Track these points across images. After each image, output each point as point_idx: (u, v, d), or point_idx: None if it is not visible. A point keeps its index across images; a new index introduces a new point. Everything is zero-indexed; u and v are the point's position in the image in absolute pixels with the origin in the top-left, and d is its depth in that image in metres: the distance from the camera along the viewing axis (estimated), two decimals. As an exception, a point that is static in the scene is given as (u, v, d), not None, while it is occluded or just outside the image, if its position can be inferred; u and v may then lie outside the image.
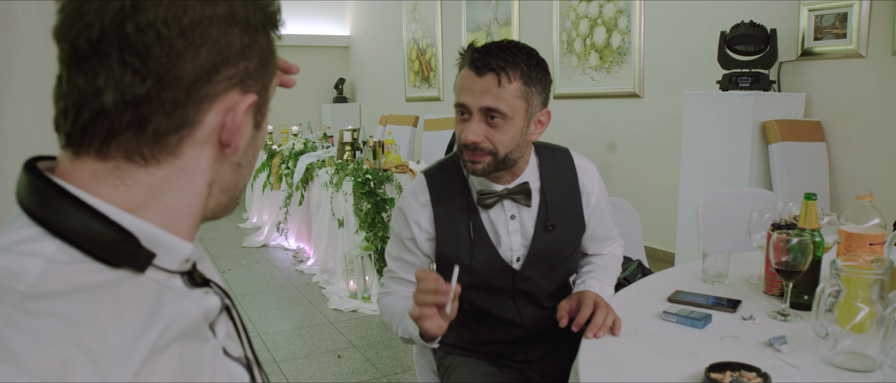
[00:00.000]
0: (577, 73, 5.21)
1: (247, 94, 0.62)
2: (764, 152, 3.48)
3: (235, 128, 0.62)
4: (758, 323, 1.33)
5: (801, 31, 3.61)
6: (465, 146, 1.35)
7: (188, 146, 0.61)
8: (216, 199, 0.67)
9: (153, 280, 0.61)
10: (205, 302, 0.66)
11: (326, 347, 3.26)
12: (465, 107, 1.35)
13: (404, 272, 1.51)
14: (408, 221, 1.47)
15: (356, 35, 9.54)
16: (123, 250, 0.58)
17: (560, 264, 1.53)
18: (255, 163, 0.71)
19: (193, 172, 0.62)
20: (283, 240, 5.36)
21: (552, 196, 1.49)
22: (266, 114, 0.68)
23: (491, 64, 1.31)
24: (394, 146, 4.40)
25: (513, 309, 1.51)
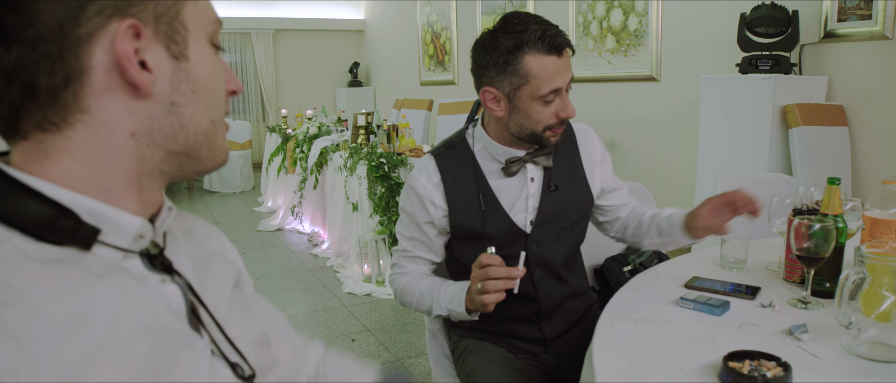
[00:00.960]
0: (594, 57, 5.14)
1: (123, 20, 0.57)
2: (784, 137, 3.42)
3: (126, 61, 0.57)
4: (777, 310, 1.30)
5: (824, 13, 3.52)
6: (561, 123, 1.42)
7: (90, 97, 0.57)
8: (160, 150, 0.62)
9: (103, 258, 0.58)
10: (162, 291, 0.62)
11: (340, 331, 3.26)
12: (558, 90, 1.38)
13: (418, 250, 1.55)
14: (423, 202, 1.49)
15: (371, 19, 9.49)
16: (61, 227, 0.56)
17: (570, 229, 1.54)
18: (209, 101, 0.65)
19: (109, 124, 0.59)
20: (298, 223, 5.38)
21: (555, 159, 1.52)
22: (188, 40, 0.62)
23: (562, 41, 1.36)
24: (408, 130, 4.38)
25: (528, 282, 1.50)
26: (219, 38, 0.68)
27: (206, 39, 0.65)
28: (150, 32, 0.59)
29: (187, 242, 0.72)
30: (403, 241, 1.56)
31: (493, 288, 1.26)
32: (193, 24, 0.63)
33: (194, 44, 0.63)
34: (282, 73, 9.34)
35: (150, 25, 0.59)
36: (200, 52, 0.64)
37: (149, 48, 0.59)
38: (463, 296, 1.39)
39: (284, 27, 9.13)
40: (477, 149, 1.51)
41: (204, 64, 0.64)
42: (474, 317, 1.39)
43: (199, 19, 0.64)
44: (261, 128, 9.11)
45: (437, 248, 1.55)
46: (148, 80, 0.59)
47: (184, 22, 0.62)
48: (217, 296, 0.70)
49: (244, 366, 0.67)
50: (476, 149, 1.51)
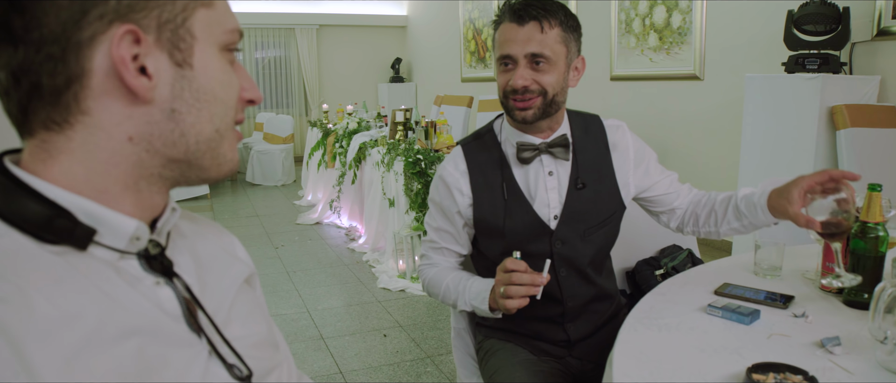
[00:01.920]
0: (636, 55, 5.06)
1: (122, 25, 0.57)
2: (831, 139, 3.30)
3: (122, 66, 0.57)
4: (811, 321, 1.25)
5: (877, 9, 3.39)
6: (513, 92, 1.40)
7: (91, 99, 0.58)
8: (159, 156, 0.62)
9: (99, 259, 0.59)
10: (155, 293, 0.63)
11: (373, 325, 3.28)
12: (510, 58, 1.39)
13: (445, 241, 1.55)
14: (451, 190, 1.51)
15: (413, 15, 9.52)
16: (57, 226, 0.57)
17: (597, 228, 1.50)
18: (214, 109, 0.64)
19: (108, 127, 0.59)
20: (336, 218, 5.43)
21: (583, 156, 1.50)
22: (194, 47, 0.62)
23: (531, 13, 1.37)
24: (446, 126, 4.37)
25: (553, 281, 1.48)
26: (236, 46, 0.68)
27: (218, 48, 0.65)
28: (152, 38, 0.60)
29: (194, 241, 0.73)
30: (431, 232, 1.57)
31: (516, 294, 1.27)
32: (203, 32, 0.63)
33: (201, 51, 0.63)
34: (325, 68, 9.44)
35: (152, 32, 0.59)
36: (208, 59, 0.64)
37: (150, 54, 0.59)
38: (487, 295, 1.39)
39: (328, 23, 9.22)
40: (502, 138, 1.51)
41: (210, 72, 0.64)
42: (497, 316, 1.40)
43: (212, 28, 0.64)
44: (303, 123, 9.23)
45: (464, 240, 1.55)
46: (146, 85, 0.59)
47: (191, 29, 0.62)
48: (220, 296, 0.71)
49: (241, 367, 0.67)
50: (502, 137, 1.52)
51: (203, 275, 0.70)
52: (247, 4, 8.65)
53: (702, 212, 1.58)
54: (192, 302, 0.66)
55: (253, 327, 0.74)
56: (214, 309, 0.68)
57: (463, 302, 1.46)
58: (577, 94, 5.53)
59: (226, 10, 0.67)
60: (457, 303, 1.48)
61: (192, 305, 0.65)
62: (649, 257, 2.01)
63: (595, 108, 5.45)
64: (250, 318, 0.74)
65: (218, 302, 0.70)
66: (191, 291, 0.66)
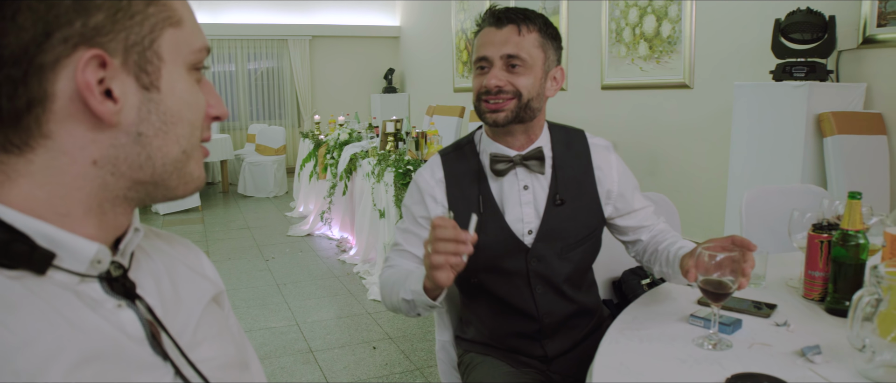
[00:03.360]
0: (626, 63, 5.07)
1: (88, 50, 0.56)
2: (819, 146, 3.31)
3: (87, 92, 0.56)
4: (792, 329, 1.25)
5: (862, 18, 3.41)
6: (486, 93, 1.39)
7: (53, 123, 0.57)
8: (125, 179, 0.61)
9: (58, 283, 0.58)
10: (116, 316, 0.61)
11: (363, 338, 3.26)
12: (486, 59, 1.39)
13: (410, 245, 1.50)
14: (423, 195, 1.49)
15: (406, 25, 9.54)
16: (13, 251, 0.55)
17: (576, 246, 1.47)
18: (181, 131, 0.63)
19: (71, 151, 0.58)
20: (327, 229, 5.41)
21: (563, 172, 1.47)
22: (161, 70, 0.61)
23: (510, 16, 1.38)
24: (436, 137, 4.37)
25: (528, 298, 1.46)
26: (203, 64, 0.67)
27: (186, 67, 0.64)
28: (119, 62, 0.58)
29: (158, 261, 0.72)
30: (398, 235, 1.53)
31: (443, 251, 1.14)
32: (170, 54, 0.62)
33: (169, 73, 0.62)
34: (318, 79, 9.44)
35: (118, 55, 0.58)
36: (175, 81, 0.62)
37: (116, 78, 0.58)
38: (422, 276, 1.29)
39: (321, 33, 9.23)
40: (481, 149, 1.50)
41: (178, 93, 0.62)
42: (435, 303, 1.27)
43: (180, 48, 0.63)
44: (295, 134, 9.22)
45: None
46: (112, 110, 0.58)
47: (158, 52, 0.61)
48: (185, 317, 0.69)
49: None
50: (480, 148, 1.50)
51: (167, 296, 0.69)
52: (240, 15, 8.66)
53: (650, 248, 1.53)
54: (155, 324, 0.64)
55: (221, 348, 0.72)
56: (179, 331, 0.67)
57: (405, 291, 1.33)
58: (568, 103, 5.54)
59: (194, 28, 0.65)
60: (399, 294, 1.35)
61: (155, 328, 0.64)
62: (636, 266, 2.00)
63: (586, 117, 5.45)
64: (218, 339, 0.73)
65: (183, 322, 0.68)
66: (154, 313, 0.64)
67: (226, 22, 8.52)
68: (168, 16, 0.61)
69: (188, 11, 0.65)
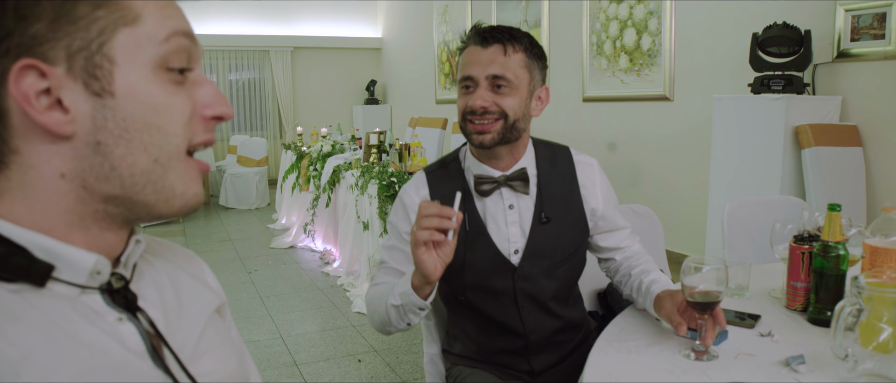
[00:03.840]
0: (607, 76, 5.13)
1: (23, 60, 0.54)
2: (797, 157, 3.38)
3: (24, 104, 0.54)
4: (776, 340, 1.28)
5: (836, 32, 3.49)
6: (471, 113, 1.38)
7: (17, 138, 0.56)
8: (96, 193, 0.59)
9: (58, 295, 0.58)
10: (116, 330, 0.60)
11: (348, 351, 3.25)
12: (471, 79, 1.38)
13: (396, 262, 1.48)
14: (407, 212, 1.48)
15: (387, 37, 9.57)
16: (12, 264, 0.55)
17: (562, 263, 1.48)
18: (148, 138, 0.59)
19: (38, 165, 0.57)
20: (311, 241, 5.39)
21: (548, 190, 1.47)
22: (113, 74, 0.57)
23: (495, 36, 1.37)
24: (420, 149, 4.38)
25: (515, 316, 1.46)
26: (184, 57, 0.62)
27: (151, 67, 0.59)
28: (63, 70, 0.56)
29: (161, 271, 0.71)
30: (384, 253, 1.51)
31: (426, 227, 1.14)
32: (126, 55, 0.58)
33: (124, 76, 0.58)
34: (299, 90, 9.42)
35: (61, 63, 0.56)
36: (135, 83, 0.58)
37: (63, 86, 0.56)
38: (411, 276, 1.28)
39: (303, 45, 9.23)
40: (466, 166, 1.49)
41: (139, 97, 0.58)
42: (425, 303, 1.26)
43: (140, 47, 0.59)
44: (277, 145, 9.19)
45: None
46: (61, 120, 0.56)
47: (109, 54, 0.57)
48: (187, 329, 0.69)
49: None
50: (465, 166, 1.49)
51: (170, 307, 0.68)
52: (221, 26, 8.63)
53: (623, 270, 1.55)
54: (156, 337, 0.64)
55: (223, 361, 0.72)
56: (181, 344, 0.66)
57: (393, 295, 1.31)
58: (550, 115, 5.58)
59: (159, 19, 0.60)
60: (388, 300, 1.33)
61: (156, 341, 0.63)
62: (621, 278, 2.03)
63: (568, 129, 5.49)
64: (220, 351, 0.72)
65: (185, 335, 0.68)
66: (155, 326, 0.64)
67: (207, 32, 8.48)
68: (120, 16, 0.58)
69: (150, 4, 0.60)
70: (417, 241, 1.16)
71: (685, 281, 1.21)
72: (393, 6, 9.27)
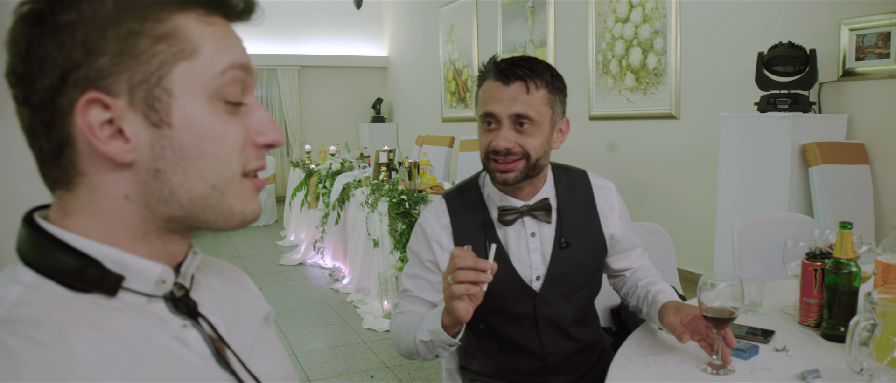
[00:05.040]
0: (613, 95, 5.19)
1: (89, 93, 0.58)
2: (804, 175, 3.41)
3: (89, 134, 0.58)
4: (791, 355, 1.31)
5: (841, 51, 3.54)
6: (494, 153, 1.37)
7: (84, 162, 0.60)
8: (158, 213, 0.63)
9: (128, 304, 0.62)
10: (183, 335, 0.65)
11: (359, 367, 3.28)
12: (494, 117, 1.37)
13: (420, 291, 1.49)
14: (429, 242, 1.48)
15: (394, 55, 9.66)
16: (87, 275, 0.59)
17: (581, 287, 1.51)
18: (204, 165, 0.62)
19: (103, 187, 0.61)
20: (320, 258, 5.42)
21: (568, 216, 1.49)
22: (171, 106, 0.60)
23: (517, 73, 1.35)
24: (429, 167, 4.43)
25: (535, 339, 1.49)
26: (238, 89, 0.65)
27: (207, 98, 0.62)
28: (124, 102, 0.59)
29: (214, 280, 0.76)
30: (406, 281, 1.52)
31: (463, 280, 1.14)
32: (183, 88, 0.61)
33: (181, 108, 0.61)
34: (306, 108, 9.51)
35: (123, 95, 0.59)
36: (191, 114, 0.61)
37: (125, 117, 0.59)
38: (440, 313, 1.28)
39: (309, 64, 9.33)
40: (486, 194, 1.50)
41: (195, 128, 0.61)
42: (454, 341, 1.28)
43: (197, 79, 0.62)
44: (285, 163, 9.25)
45: (440, 289, 1.48)
46: (122, 149, 0.60)
47: (169, 87, 0.60)
48: (244, 333, 0.73)
49: None
50: (485, 194, 1.50)
51: (228, 313, 0.72)
52: (228, 47, 8.71)
53: (630, 283, 1.59)
54: (218, 341, 0.68)
55: (277, 364, 0.76)
56: (239, 347, 0.70)
57: (421, 331, 1.32)
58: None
59: (216, 51, 0.63)
60: (416, 335, 1.34)
61: (219, 344, 0.68)
62: (634, 294, 2.06)
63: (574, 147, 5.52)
64: (272, 355, 0.77)
65: (242, 339, 0.72)
66: (216, 331, 0.68)
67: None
68: (179, 50, 0.61)
69: (210, 37, 0.63)
70: (453, 294, 1.16)
71: (702, 297, 1.24)
72: (399, 25, 9.37)
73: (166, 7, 0.60)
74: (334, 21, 9.42)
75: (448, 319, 1.25)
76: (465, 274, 1.14)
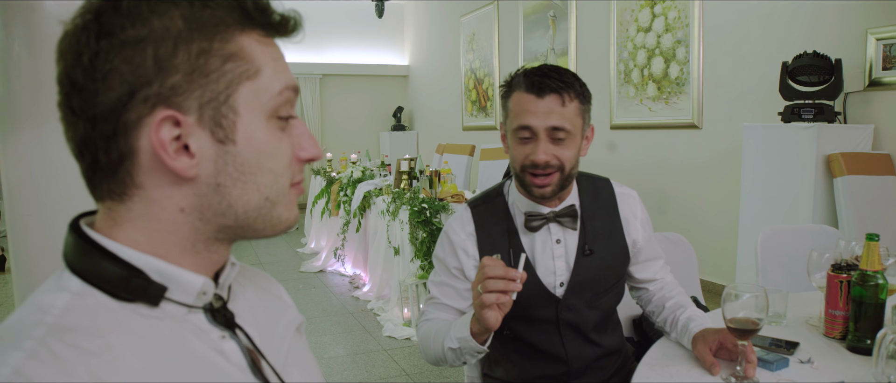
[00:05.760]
0: (635, 104, 5.17)
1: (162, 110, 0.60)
2: (829, 186, 3.37)
3: (160, 150, 0.60)
4: (816, 367, 1.30)
5: (868, 61, 3.50)
6: (533, 166, 1.39)
7: (143, 175, 0.62)
8: (212, 224, 0.65)
9: (169, 314, 0.64)
10: (221, 345, 0.66)
11: (379, 375, 3.29)
12: (530, 129, 1.38)
13: (447, 298, 1.51)
14: (455, 249, 1.50)
15: (415, 64, 9.71)
16: (132, 286, 0.61)
17: (604, 294, 1.52)
18: (261, 179, 0.65)
19: (160, 200, 0.63)
20: (340, 266, 5.46)
21: (592, 223, 1.51)
22: (236, 123, 0.63)
23: (551, 85, 1.36)
24: (450, 176, 4.44)
25: (558, 343, 1.50)
26: (290, 107, 0.68)
27: (265, 116, 0.65)
28: (194, 120, 0.61)
29: (249, 291, 0.78)
30: (433, 288, 1.54)
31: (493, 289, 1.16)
32: (247, 106, 0.64)
33: (245, 125, 0.64)
34: (327, 116, 9.58)
35: (193, 113, 0.61)
36: (253, 132, 0.64)
37: (192, 134, 0.61)
38: (469, 320, 1.30)
39: (331, 72, 9.41)
40: (510, 202, 1.52)
41: (256, 144, 0.64)
42: (483, 348, 1.29)
43: (258, 98, 0.64)
44: (306, 171, 9.30)
45: (467, 296, 1.50)
46: (188, 164, 0.61)
47: (234, 106, 0.63)
48: (277, 344, 0.75)
49: None
50: (510, 202, 1.53)
51: (262, 324, 0.74)
52: (251, 56, 8.81)
53: (656, 302, 1.59)
54: (254, 352, 0.70)
55: (309, 374, 0.78)
56: (273, 358, 0.72)
57: (449, 340, 1.34)
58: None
59: (274, 72, 0.66)
60: (444, 344, 1.36)
61: (254, 355, 0.69)
62: (655, 304, 2.05)
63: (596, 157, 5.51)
64: (304, 364, 0.79)
65: (276, 350, 0.74)
66: (252, 341, 0.70)
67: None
68: (245, 70, 0.63)
69: (269, 57, 0.66)
70: (483, 303, 1.17)
71: (726, 308, 1.24)
72: (420, 34, 9.43)
73: (231, 27, 0.63)
74: (356, 30, 9.49)
75: (477, 327, 1.27)
76: (495, 283, 1.16)
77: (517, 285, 1.16)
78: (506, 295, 1.17)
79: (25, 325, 0.57)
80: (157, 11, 0.59)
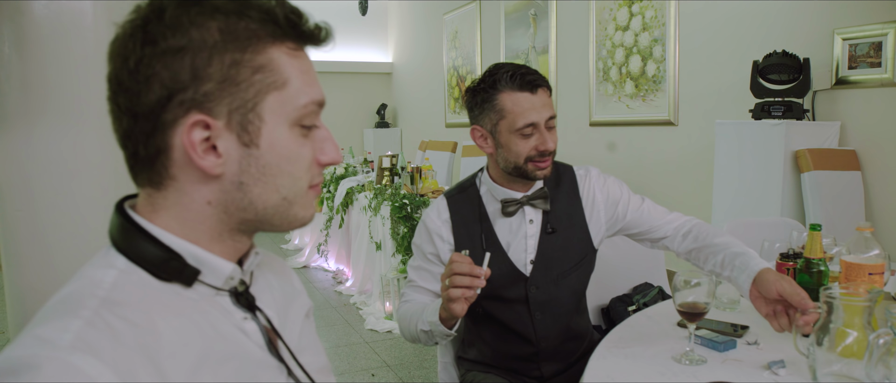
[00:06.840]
0: (613, 101, 5.27)
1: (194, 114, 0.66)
2: (797, 181, 3.49)
3: (191, 150, 0.67)
4: (762, 348, 1.39)
5: (834, 60, 3.62)
6: (541, 155, 1.52)
7: (176, 169, 0.69)
8: (234, 218, 0.71)
9: (201, 294, 0.71)
10: (243, 326, 0.74)
11: (361, 366, 3.36)
12: (534, 125, 1.51)
13: (423, 281, 1.64)
14: (431, 236, 1.62)
15: (398, 62, 9.76)
16: (170, 267, 0.69)
17: (569, 272, 1.62)
18: (280, 181, 0.71)
19: (191, 193, 0.70)
20: (324, 261, 5.52)
21: (555, 205, 1.62)
22: (261, 129, 0.69)
23: (538, 81, 1.52)
24: (431, 172, 4.52)
25: (528, 323, 1.60)
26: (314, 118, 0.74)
27: (288, 124, 0.71)
28: (223, 124, 0.67)
29: (269, 277, 0.86)
30: (411, 272, 1.66)
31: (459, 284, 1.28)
32: (273, 114, 0.69)
33: (269, 132, 0.69)
34: (312, 114, 9.59)
35: (222, 118, 0.67)
36: (276, 138, 0.70)
37: (220, 136, 0.68)
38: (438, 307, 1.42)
39: (315, 69, 9.41)
40: (483, 191, 1.64)
41: (277, 149, 0.70)
42: (451, 332, 1.42)
43: (283, 108, 0.70)
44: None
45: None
46: (214, 163, 0.68)
47: (260, 113, 0.69)
48: (292, 326, 0.84)
49: None
50: (482, 191, 1.64)
51: (280, 307, 0.82)
52: (236, 53, 8.82)
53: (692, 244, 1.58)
54: (272, 332, 0.78)
55: (317, 356, 0.87)
56: (289, 338, 0.80)
57: (422, 322, 1.47)
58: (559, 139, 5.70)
59: (301, 86, 0.72)
60: (418, 325, 1.49)
61: (272, 335, 0.78)
62: (623, 294, 2.14)
63: (575, 152, 5.59)
64: (313, 347, 0.88)
65: (290, 332, 0.82)
66: (271, 323, 0.78)
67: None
68: (273, 81, 0.69)
69: (297, 70, 0.72)
70: (450, 297, 1.29)
71: (677, 295, 1.33)
72: (404, 32, 9.49)
73: (264, 39, 0.69)
74: (339, 27, 9.32)
75: (445, 313, 1.38)
76: (461, 279, 1.28)
77: (481, 281, 1.28)
78: (470, 291, 1.28)
79: (81, 296, 0.64)
80: (197, 23, 0.66)
